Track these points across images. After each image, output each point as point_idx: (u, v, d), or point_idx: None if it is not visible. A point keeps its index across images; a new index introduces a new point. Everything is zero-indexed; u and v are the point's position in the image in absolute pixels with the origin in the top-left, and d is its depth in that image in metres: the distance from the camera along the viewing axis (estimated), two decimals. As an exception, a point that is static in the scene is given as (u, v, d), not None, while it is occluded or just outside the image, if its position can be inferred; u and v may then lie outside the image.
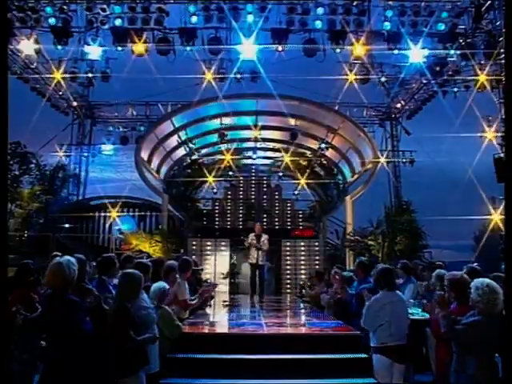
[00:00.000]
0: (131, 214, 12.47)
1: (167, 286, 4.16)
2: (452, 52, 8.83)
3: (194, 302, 5.48)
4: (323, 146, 12.33)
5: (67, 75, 10.27)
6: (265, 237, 8.43)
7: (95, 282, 3.94)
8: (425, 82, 11.64)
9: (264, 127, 12.32)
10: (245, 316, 6.48)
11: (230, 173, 13.60)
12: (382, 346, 3.77)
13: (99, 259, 4.26)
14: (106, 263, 4.16)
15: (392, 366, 3.73)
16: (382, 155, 11.87)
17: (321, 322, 5.51)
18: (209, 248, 12.34)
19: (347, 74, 10.98)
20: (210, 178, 12.76)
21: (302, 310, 7.32)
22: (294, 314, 6.93)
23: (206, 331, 4.96)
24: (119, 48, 8.55)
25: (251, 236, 8.42)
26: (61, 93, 12.50)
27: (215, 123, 12.06)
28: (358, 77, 10.89)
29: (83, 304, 3.12)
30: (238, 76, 11.35)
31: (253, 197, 13.38)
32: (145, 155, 11.56)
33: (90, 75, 10.42)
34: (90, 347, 3.01)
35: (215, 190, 13.59)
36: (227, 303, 8.71)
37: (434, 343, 3.97)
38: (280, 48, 9.46)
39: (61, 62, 10.05)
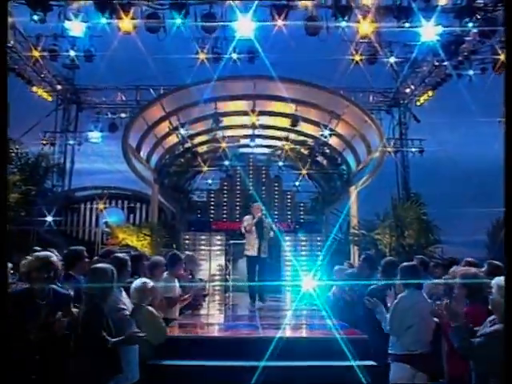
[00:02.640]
0: (120, 205, 12.30)
1: (150, 283, 3.86)
2: (469, 28, 8.40)
3: (183, 299, 5.22)
4: (326, 133, 12.13)
5: (46, 53, 9.85)
6: (267, 221, 6.79)
7: (62, 279, 3.63)
8: (437, 64, 11.25)
9: (262, 113, 12.09)
10: (239, 317, 6.30)
11: (226, 162, 13.51)
12: (406, 354, 3.52)
13: (65, 252, 3.94)
14: (71, 257, 3.88)
15: (414, 376, 3.48)
16: (390, 144, 12.09)
17: (324, 324, 5.27)
18: (203, 243, 12.24)
19: (353, 55, 10.61)
20: (205, 168, 12.76)
21: (304, 310, 7.02)
22: (294, 315, 6.58)
23: (195, 334, 4.71)
24: (104, 21, 8.09)
25: (248, 219, 6.68)
26: (43, 75, 12.10)
27: (209, 108, 11.80)
28: (364, 57, 10.50)
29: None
30: (234, 56, 11.11)
31: (250, 188, 13.19)
32: (133, 143, 11.29)
33: (71, 53, 10.01)
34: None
35: (210, 181, 13.59)
36: (221, 302, 8.55)
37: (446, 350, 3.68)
38: (280, 24, 9.04)
39: (39, 39, 9.65)
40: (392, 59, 11.44)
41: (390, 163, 13.24)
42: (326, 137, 12.30)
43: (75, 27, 8.83)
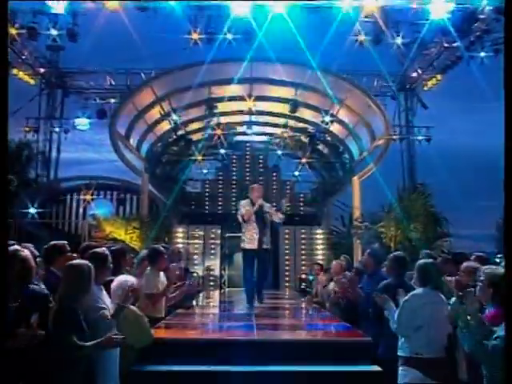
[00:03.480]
0: (108, 197, 12.15)
1: (131, 280, 3.67)
2: (484, 5, 8.07)
3: (172, 296, 5.11)
4: (327, 119, 12.04)
5: (24, 31, 9.52)
6: (268, 205, 5.91)
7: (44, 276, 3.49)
8: (446, 45, 10.98)
9: (260, 98, 11.97)
10: (234, 316, 6.03)
11: (222, 151, 13.40)
12: (414, 357, 3.33)
13: (44, 247, 3.76)
14: (51, 252, 3.70)
15: (423, 382, 3.29)
16: (395, 131, 11.99)
17: (324, 325, 5.10)
18: (197, 236, 12.14)
19: (357, 35, 10.35)
20: (199, 157, 12.63)
21: (303, 309, 6.92)
22: (293, 314, 6.48)
23: (183, 336, 4.44)
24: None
25: (245, 205, 5.77)
26: (24, 56, 11.77)
27: (203, 93, 11.68)
28: (369, 38, 10.24)
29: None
30: (229, 37, 10.96)
31: (247, 178, 13.10)
32: (122, 130, 11.14)
33: (53, 32, 9.68)
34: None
35: (205, 171, 13.51)
36: (216, 299, 8.39)
37: (463, 355, 3.54)
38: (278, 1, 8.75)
39: (16, 15, 9.30)
40: (399, 40, 11.20)
41: (396, 152, 13.22)
42: (327, 123, 12.19)
43: (56, 3, 8.47)
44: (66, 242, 3.95)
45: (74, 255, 4.06)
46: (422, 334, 3.33)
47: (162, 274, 4.99)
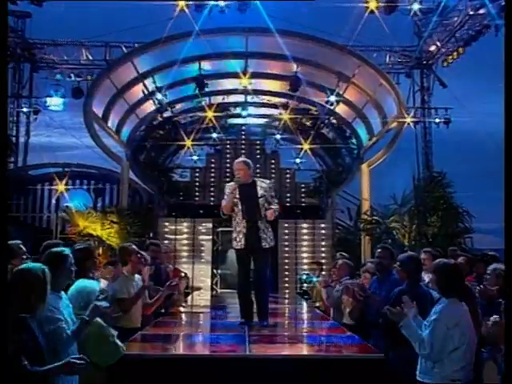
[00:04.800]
0: (85, 186, 12.03)
1: (94, 286, 3.51)
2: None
3: (154, 301, 4.97)
4: (333, 99, 11.85)
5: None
6: (265, 186, 4.95)
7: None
8: (471, 12, 10.69)
9: (256, 74, 11.75)
10: (223, 326, 5.77)
11: (214, 135, 13.33)
12: None
13: None
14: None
15: None
16: (410, 113, 11.52)
17: (328, 336, 4.89)
18: (186, 231, 12.13)
19: (367, 2, 10.08)
20: (188, 142, 12.45)
21: (304, 315, 6.87)
22: (292, 322, 6.28)
23: (162, 351, 4.18)
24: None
25: (229, 189, 4.94)
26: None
27: (192, 68, 11.44)
28: (381, 4, 10.02)
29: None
30: (222, 3, 10.86)
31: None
32: (98, 110, 10.90)
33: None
34: None
35: (195, 157, 13.40)
36: (206, 304, 8.32)
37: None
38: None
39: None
40: (416, 6, 10.94)
41: (410, 136, 13.01)
42: (332, 104, 12.03)
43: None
44: (20, 242, 3.78)
45: (29, 257, 3.88)
46: (458, 357, 3.12)
47: (137, 276, 4.84)
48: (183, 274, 8.93)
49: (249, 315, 5.04)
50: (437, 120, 14.07)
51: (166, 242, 11.29)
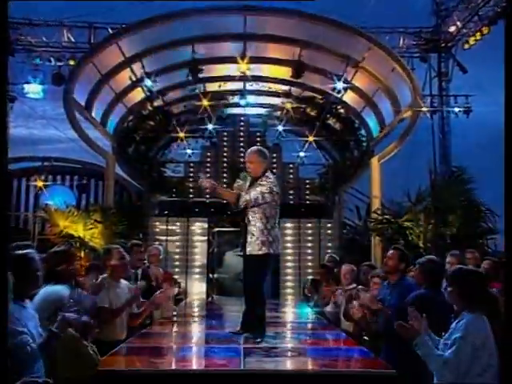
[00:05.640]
0: (68, 183, 12.02)
1: (62, 294, 3.50)
2: None
3: (141, 313, 4.98)
4: (340, 86, 11.72)
5: None
6: (265, 182, 4.68)
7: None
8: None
9: (256, 59, 11.61)
10: (217, 337, 5.63)
11: (210, 126, 13.20)
12: None
13: None
14: None
15: None
16: (425, 101, 11.76)
17: (334, 349, 4.82)
18: (178, 231, 12.17)
19: None
20: (182, 134, 12.39)
21: (307, 325, 6.74)
22: (293, 333, 6.15)
23: (145, 367, 4.03)
24: None
25: (236, 188, 4.83)
26: None
27: (185, 52, 11.36)
28: None
29: None
30: None
31: (241, 160, 12.87)
32: (81, 98, 10.82)
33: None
34: None
35: (188, 151, 13.30)
36: (199, 312, 8.28)
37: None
38: None
39: None
40: None
41: (426, 127, 12.88)
42: (339, 91, 11.91)
43: None
44: None
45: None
46: (485, 380, 2.98)
47: (123, 282, 4.81)
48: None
49: (243, 326, 5.00)
50: (456, 109, 14.01)
51: (156, 243, 11.30)
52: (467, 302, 3.12)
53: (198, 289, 11.78)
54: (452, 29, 13.52)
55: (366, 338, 5.22)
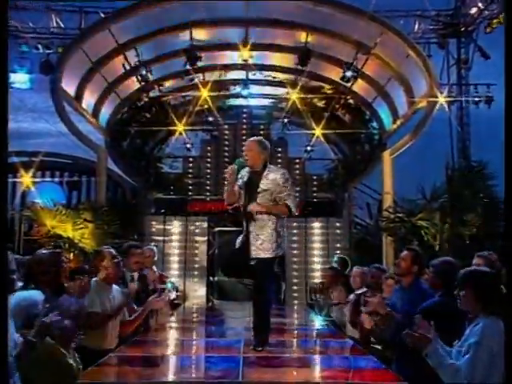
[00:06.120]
0: (57, 179, 12.04)
1: (35, 299, 3.42)
2: None
3: (134, 319, 4.90)
4: (350, 74, 11.74)
5: None
6: (273, 176, 4.61)
7: None
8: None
9: (259, 46, 11.66)
10: (215, 345, 5.67)
11: (210, 118, 13.30)
12: None
13: None
14: None
15: None
16: (443, 90, 11.32)
17: (341, 358, 4.80)
18: (177, 231, 12.22)
19: None
20: (180, 127, 12.40)
21: (314, 332, 6.71)
22: (298, 341, 6.16)
23: (134, 378, 4.01)
24: None
25: (229, 172, 4.68)
26: None
27: (182, 38, 11.36)
28: None
29: None
30: None
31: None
32: (70, 88, 10.80)
33: None
34: None
35: (188, 145, 13.34)
36: (198, 317, 8.38)
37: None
38: None
39: None
40: None
41: (443, 118, 12.73)
42: (349, 80, 11.91)
43: None
44: None
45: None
46: None
47: (115, 287, 4.76)
48: (169, 283, 8.88)
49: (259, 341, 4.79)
50: (476, 99, 13.98)
51: (152, 243, 11.33)
52: (482, 305, 3.06)
53: (197, 293, 11.83)
54: (473, 11, 13.42)
55: (376, 346, 5.14)
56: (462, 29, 14.25)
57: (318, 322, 7.34)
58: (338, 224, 12.14)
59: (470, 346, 2.96)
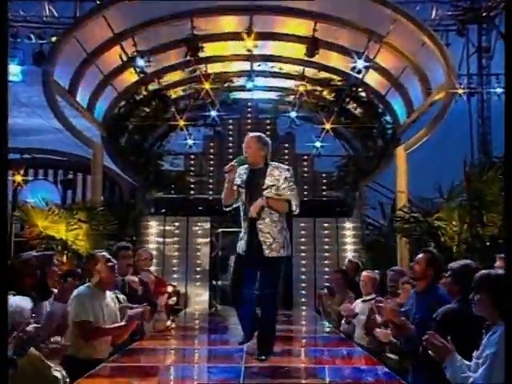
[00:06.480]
0: (51, 177, 12.11)
1: (18, 305, 3.35)
2: None
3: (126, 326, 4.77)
4: (361, 65, 11.70)
5: None
6: (277, 173, 4.68)
7: None
8: None
9: (264, 35, 11.62)
10: (216, 353, 5.66)
11: (213, 113, 13.27)
12: None
13: None
14: None
15: None
16: (462, 81, 11.73)
17: (350, 370, 4.72)
18: (177, 232, 12.22)
19: None
20: (181, 122, 12.44)
21: (321, 340, 6.79)
22: (304, 350, 6.11)
23: None
24: None
25: (228, 169, 4.74)
26: None
27: (183, 28, 11.30)
28: None
29: None
30: None
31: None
32: (63, 81, 10.77)
33: None
34: None
35: (189, 141, 13.38)
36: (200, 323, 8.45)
37: None
38: None
39: None
40: None
41: (462, 111, 12.61)
42: (360, 71, 11.89)
43: None
44: None
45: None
46: None
47: (108, 293, 4.74)
48: (171, 288, 8.90)
49: (247, 337, 4.90)
50: (498, 90, 13.88)
51: (151, 245, 11.42)
52: (499, 311, 2.96)
53: (199, 297, 11.82)
54: (495, -6, 13.49)
55: (390, 356, 5.07)
56: (484, 14, 14.14)
57: (325, 328, 7.33)
58: (348, 225, 12.12)
59: (487, 357, 2.87)
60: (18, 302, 3.34)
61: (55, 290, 4.24)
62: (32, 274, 3.87)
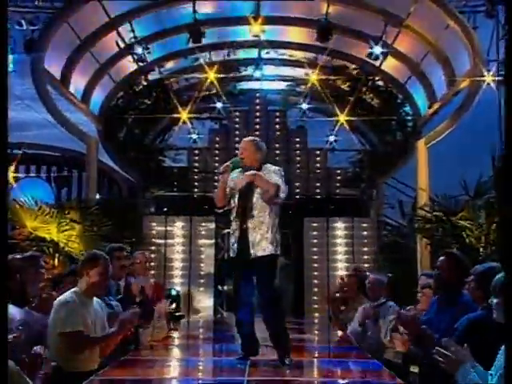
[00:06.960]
0: (44, 174, 12.15)
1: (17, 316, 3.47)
2: None
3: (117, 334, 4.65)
4: (378, 51, 11.70)
5: None
6: (277, 168, 5.05)
7: None
8: None
9: (272, 19, 11.68)
10: (218, 365, 5.59)
11: (219, 104, 13.43)
12: None
13: None
14: None
15: None
16: (490, 68, 11.09)
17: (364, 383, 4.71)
18: (180, 233, 12.32)
19: None
20: (184, 114, 12.44)
21: (335, 350, 6.68)
22: (316, 362, 6.03)
23: None
24: None
25: (222, 169, 5.11)
26: None
27: (184, 11, 11.38)
28: None
29: None
30: None
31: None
32: (55, 69, 10.86)
33: None
34: None
35: (193, 135, 13.45)
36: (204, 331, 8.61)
37: None
38: None
39: None
40: None
41: (489, 101, 12.40)
42: (377, 58, 11.90)
43: None
44: None
45: None
46: None
47: (95, 300, 4.63)
48: (173, 293, 8.87)
49: (249, 349, 5.00)
50: None
51: (152, 247, 11.55)
52: None
53: (203, 304, 11.87)
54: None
55: (412, 370, 5.06)
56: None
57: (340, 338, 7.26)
58: (364, 224, 12.20)
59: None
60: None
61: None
62: (11, 279, 3.77)
